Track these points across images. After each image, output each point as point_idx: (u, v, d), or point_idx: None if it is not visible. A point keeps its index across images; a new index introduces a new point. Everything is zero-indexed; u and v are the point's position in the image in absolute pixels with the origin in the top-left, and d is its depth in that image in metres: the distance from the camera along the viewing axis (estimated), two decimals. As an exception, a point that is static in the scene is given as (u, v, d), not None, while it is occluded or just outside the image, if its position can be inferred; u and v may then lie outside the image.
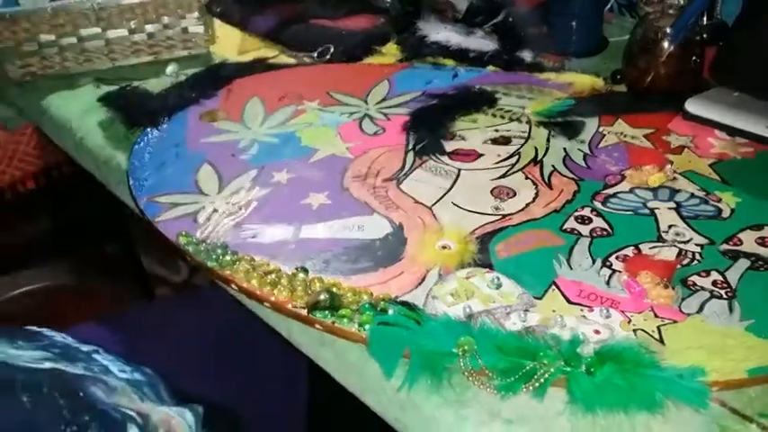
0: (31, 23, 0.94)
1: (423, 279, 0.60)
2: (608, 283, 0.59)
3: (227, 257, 0.62)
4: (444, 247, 0.64)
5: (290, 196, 0.71)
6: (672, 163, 0.74)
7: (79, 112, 0.87)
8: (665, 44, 0.83)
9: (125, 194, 0.75)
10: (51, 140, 0.95)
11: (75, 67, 0.97)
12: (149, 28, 0.98)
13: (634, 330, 0.54)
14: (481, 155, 0.77)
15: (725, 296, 0.58)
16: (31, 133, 1.46)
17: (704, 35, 0.87)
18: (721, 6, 0.98)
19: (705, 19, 0.97)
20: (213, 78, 0.92)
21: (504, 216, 0.67)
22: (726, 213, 0.67)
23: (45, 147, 1.42)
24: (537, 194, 0.70)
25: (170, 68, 0.96)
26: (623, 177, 0.73)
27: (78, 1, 0.95)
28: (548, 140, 0.79)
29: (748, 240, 0.63)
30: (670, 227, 0.65)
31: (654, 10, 0.96)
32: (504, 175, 0.74)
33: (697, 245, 0.63)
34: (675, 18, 0.84)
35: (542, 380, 0.50)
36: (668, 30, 0.83)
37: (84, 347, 0.60)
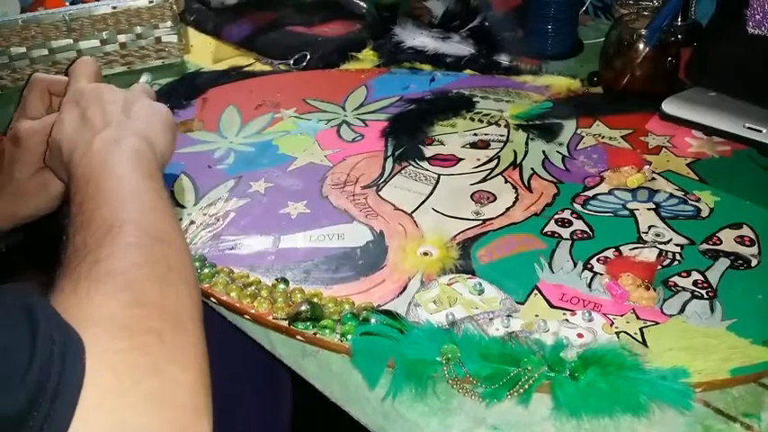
0: (1, 36, 0.92)
1: (405, 287, 0.59)
2: (590, 285, 0.59)
3: (206, 270, 0.61)
4: (426, 254, 0.63)
5: (268, 206, 0.70)
6: (650, 163, 0.75)
7: (52, 125, 0.86)
8: (641, 46, 0.84)
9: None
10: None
11: (48, 80, 0.96)
12: (122, 38, 0.97)
13: (617, 333, 0.54)
14: (460, 159, 0.77)
15: (706, 296, 0.58)
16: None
17: (679, 36, 0.88)
18: (695, 7, 0.99)
19: (680, 20, 0.98)
20: (188, 88, 0.91)
21: (484, 221, 0.67)
22: (705, 213, 0.67)
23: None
24: (517, 198, 0.70)
25: (143, 78, 0.94)
26: (602, 179, 0.73)
27: (49, 12, 0.94)
28: (526, 143, 0.79)
29: (727, 239, 0.64)
30: (650, 228, 0.66)
31: (629, 12, 0.97)
32: (483, 180, 0.73)
33: (677, 245, 0.63)
34: (650, 20, 0.84)
35: (527, 386, 0.49)
36: (643, 31, 0.83)
37: None
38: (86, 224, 0.48)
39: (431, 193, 0.71)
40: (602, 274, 0.60)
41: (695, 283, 0.59)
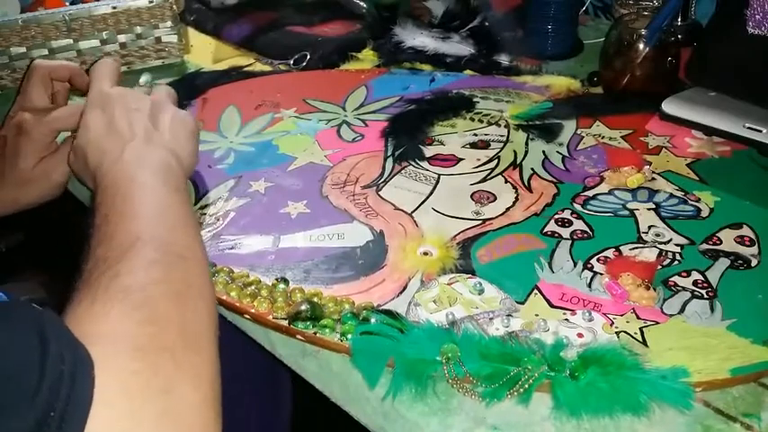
0: (1, 36, 0.92)
1: (405, 286, 0.59)
2: (590, 285, 0.59)
3: (206, 269, 0.61)
4: (426, 254, 0.63)
5: (268, 206, 0.70)
6: (650, 163, 0.75)
7: (52, 125, 0.86)
8: (641, 46, 0.84)
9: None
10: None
11: (48, 79, 0.96)
12: (122, 38, 0.97)
13: (617, 333, 0.54)
14: (460, 159, 0.77)
15: (706, 296, 0.58)
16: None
17: (679, 36, 0.88)
18: (695, 7, 0.99)
19: (680, 20, 0.98)
20: (188, 88, 0.91)
21: (484, 221, 0.67)
22: (705, 213, 0.67)
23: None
24: (517, 198, 0.70)
25: (143, 78, 0.94)
26: (602, 179, 0.73)
27: (49, 12, 0.94)
28: (526, 144, 0.79)
29: (727, 239, 0.64)
30: (650, 227, 0.66)
31: (629, 12, 0.97)
32: (483, 180, 0.73)
33: (677, 245, 0.63)
34: (650, 20, 0.84)
35: (527, 385, 0.49)
36: (643, 31, 0.83)
37: None
38: (110, 236, 0.47)
39: (431, 193, 0.71)
40: (602, 274, 0.60)
41: (695, 282, 0.59)
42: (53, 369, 0.35)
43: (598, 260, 0.62)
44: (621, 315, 0.56)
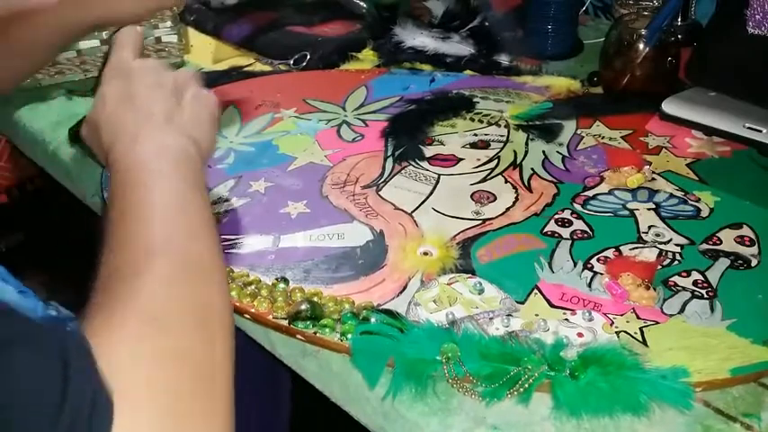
0: (0, 35, 0.92)
1: (405, 286, 0.59)
2: (590, 285, 0.59)
3: (206, 269, 0.61)
4: (426, 254, 0.63)
5: (268, 205, 0.70)
6: (650, 164, 0.75)
7: (51, 124, 0.86)
8: (641, 46, 0.84)
9: (100, 207, 0.74)
10: (24, 154, 0.93)
11: (47, 80, 0.96)
12: (122, 38, 0.97)
13: (617, 332, 0.54)
14: (460, 159, 0.77)
15: (706, 296, 0.58)
16: (3, 147, 1.44)
17: (679, 36, 0.88)
18: (695, 7, 0.99)
19: (680, 20, 0.98)
20: (188, 88, 0.90)
21: (484, 221, 0.67)
22: (705, 213, 0.67)
23: (18, 161, 1.40)
24: (517, 198, 0.70)
25: (144, 78, 0.95)
26: (602, 179, 0.73)
27: (49, 12, 0.93)
28: (526, 144, 0.79)
29: (727, 239, 0.64)
30: (650, 227, 0.66)
31: (629, 12, 0.97)
32: (483, 180, 0.73)
33: (677, 245, 0.63)
34: (650, 20, 0.84)
35: (527, 385, 0.49)
36: (643, 31, 0.83)
37: None
38: (127, 240, 0.44)
39: (431, 193, 0.71)
40: (602, 274, 0.60)
41: (695, 282, 0.59)
42: (72, 408, 0.34)
43: (598, 260, 0.62)
44: (621, 315, 0.56)
